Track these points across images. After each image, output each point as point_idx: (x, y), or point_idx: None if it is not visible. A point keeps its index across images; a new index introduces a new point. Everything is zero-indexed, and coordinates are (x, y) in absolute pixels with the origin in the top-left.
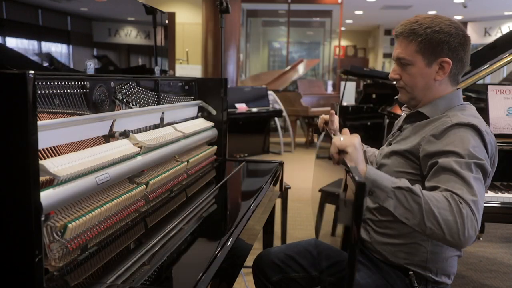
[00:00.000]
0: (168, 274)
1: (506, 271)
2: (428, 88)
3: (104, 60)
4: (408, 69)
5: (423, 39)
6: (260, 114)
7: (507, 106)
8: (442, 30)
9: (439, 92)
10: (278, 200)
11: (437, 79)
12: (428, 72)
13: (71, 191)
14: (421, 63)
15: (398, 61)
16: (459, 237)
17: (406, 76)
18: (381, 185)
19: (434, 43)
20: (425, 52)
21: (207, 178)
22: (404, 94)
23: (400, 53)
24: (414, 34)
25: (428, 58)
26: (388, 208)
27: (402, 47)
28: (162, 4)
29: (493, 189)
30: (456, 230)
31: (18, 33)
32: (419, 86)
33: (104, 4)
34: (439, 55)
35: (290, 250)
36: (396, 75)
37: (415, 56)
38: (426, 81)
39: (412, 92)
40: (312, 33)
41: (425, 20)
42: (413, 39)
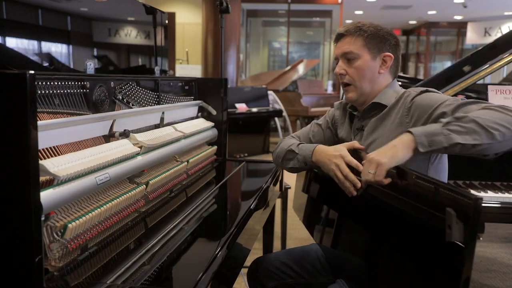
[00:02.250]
0: (168, 274)
1: (506, 271)
2: (374, 81)
3: (104, 60)
4: (355, 63)
5: (369, 35)
6: (260, 114)
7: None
8: (383, 30)
9: (382, 84)
10: (278, 200)
11: (381, 72)
12: (373, 65)
13: (71, 191)
14: (367, 56)
15: (344, 56)
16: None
17: (353, 70)
18: (433, 131)
19: (378, 39)
20: (371, 46)
21: (207, 178)
22: (352, 91)
23: (347, 48)
24: (360, 30)
25: (373, 52)
26: (456, 141)
27: (348, 43)
28: (162, 4)
29: (493, 189)
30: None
31: (18, 33)
32: (366, 78)
33: (104, 4)
34: (382, 50)
35: (285, 257)
36: (342, 70)
37: (362, 50)
38: (372, 74)
39: (360, 86)
40: (312, 33)
41: (365, 22)
42: (360, 34)
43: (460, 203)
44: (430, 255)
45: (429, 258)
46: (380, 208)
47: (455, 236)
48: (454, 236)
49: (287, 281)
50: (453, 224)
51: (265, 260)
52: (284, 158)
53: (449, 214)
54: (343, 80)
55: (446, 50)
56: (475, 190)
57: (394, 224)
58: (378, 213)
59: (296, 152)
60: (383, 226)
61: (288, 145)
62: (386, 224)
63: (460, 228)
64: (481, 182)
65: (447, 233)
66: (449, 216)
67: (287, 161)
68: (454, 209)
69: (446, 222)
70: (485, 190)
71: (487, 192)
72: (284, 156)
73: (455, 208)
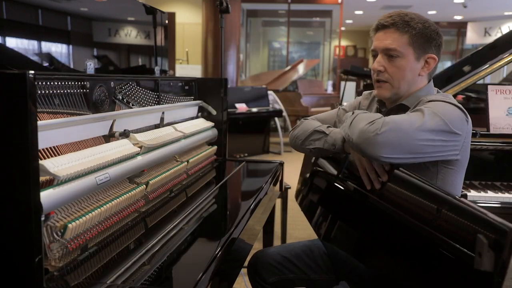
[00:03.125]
0: (168, 274)
1: None
2: (413, 82)
3: (104, 60)
4: (397, 62)
5: (417, 32)
6: (260, 114)
7: (507, 106)
8: (431, 28)
9: (418, 86)
10: (278, 200)
11: (421, 75)
12: (416, 67)
13: (71, 191)
14: (412, 56)
15: (386, 52)
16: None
17: (393, 69)
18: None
19: (426, 38)
20: (417, 45)
21: (207, 178)
22: (387, 89)
23: (391, 44)
24: (408, 26)
25: (418, 53)
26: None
27: (392, 38)
28: (162, 4)
29: (493, 189)
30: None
31: (18, 33)
32: (406, 80)
33: (104, 4)
34: (427, 51)
35: (287, 252)
36: (381, 67)
37: (407, 49)
38: (412, 76)
39: (398, 86)
40: (312, 33)
41: (412, 15)
42: (407, 31)
43: (494, 231)
44: (454, 280)
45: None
46: (390, 216)
47: (485, 265)
48: (484, 264)
49: (288, 276)
50: (484, 252)
51: (266, 254)
52: (308, 139)
53: (480, 241)
54: (379, 77)
55: (446, 50)
56: (475, 190)
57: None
58: (388, 221)
59: (326, 133)
60: (391, 236)
61: (314, 126)
62: (396, 234)
63: (491, 257)
64: (481, 182)
65: (476, 260)
66: (480, 244)
67: (311, 142)
68: (486, 237)
69: (476, 249)
70: (485, 190)
71: (487, 192)
72: (308, 137)
73: (487, 236)
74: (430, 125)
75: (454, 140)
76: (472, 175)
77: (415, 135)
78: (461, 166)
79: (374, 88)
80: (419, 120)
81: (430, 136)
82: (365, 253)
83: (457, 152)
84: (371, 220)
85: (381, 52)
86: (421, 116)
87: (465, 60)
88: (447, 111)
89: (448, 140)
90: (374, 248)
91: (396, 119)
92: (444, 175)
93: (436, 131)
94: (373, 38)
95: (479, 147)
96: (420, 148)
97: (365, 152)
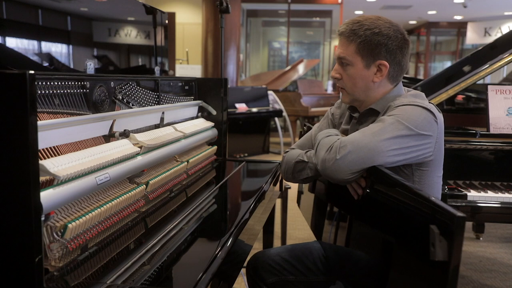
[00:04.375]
0: (168, 274)
1: (506, 271)
2: (368, 89)
3: (104, 60)
4: (348, 70)
5: (362, 41)
6: (260, 114)
7: (507, 106)
8: (381, 32)
9: (379, 92)
10: (278, 200)
11: (375, 81)
12: (366, 74)
13: (71, 191)
14: (360, 64)
15: (340, 60)
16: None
17: (346, 76)
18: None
19: (373, 45)
20: (364, 53)
21: (207, 178)
22: (346, 95)
23: (342, 53)
24: (354, 35)
25: (367, 60)
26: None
27: (343, 47)
28: (162, 4)
29: (493, 189)
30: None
31: (18, 33)
32: (358, 87)
33: (104, 4)
34: (377, 57)
35: (286, 253)
36: (337, 74)
37: (355, 57)
38: (365, 83)
39: (353, 94)
40: (312, 33)
41: (366, 21)
42: (353, 40)
43: (443, 219)
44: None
45: (421, 268)
46: (382, 208)
47: (439, 255)
48: (438, 254)
49: (287, 278)
50: (436, 242)
51: (265, 255)
52: (295, 171)
53: (432, 232)
54: (338, 84)
55: (446, 50)
56: (475, 190)
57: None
58: (381, 213)
59: (305, 160)
60: (384, 225)
61: (295, 156)
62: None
63: (444, 245)
64: (481, 182)
65: (431, 251)
66: (433, 234)
67: (298, 173)
68: (437, 226)
69: (430, 240)
70: (485, 190)
71: (487, 192)
72: (293, 169)
73: (438, 225)
74: (393, 133)
75: (425, 143)
76: (472, 175)
77: (379, 147)
78: (437, 165)
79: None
80: (380, 131)
81: (396, 145)
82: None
83: (430, 153)
84: (368, 218)
85: (337, 60)
86: (382, 126)
87: (465, 60)
88: (412, 115)
89: (418, 144)
90: (372, 243)
91: (353, 138)
92: (420, 177)
93: (401, 137)
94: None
95: (479, 147)
96: (389, 158)
97: (332, 178)
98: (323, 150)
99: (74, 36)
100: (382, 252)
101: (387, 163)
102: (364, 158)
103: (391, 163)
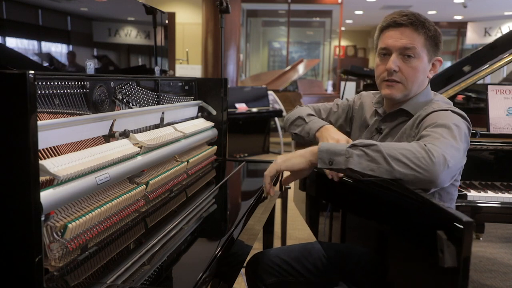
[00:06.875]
0: (168, 274)
1: (506, 271)
2: (422, 84)
3: (104, 60)
4: (412, 62)
5: (432, 34)
6: (260, 114)
7: (507, 106)
8: (438, 31)
9: (420, 89)
10: (278, 200)
11: (429, 77)
12: (427, 69)
13: (71, 191)
14: (425, 57)
15: (402, 51)
16: (428, 163)
17: (408, 69)
18: (336, 149)
19: (437, 40)
20: (430, 48)
21: (207, 178)
22: (399, 90)
23: (410, 43)
24: (424, 27)
25: (430, 55)
26: (352, 167)
27: (410, 37)
28: (162, 4)
29: (493, 189)
30: (422, 157)
31: (18, 33)
32: (417, 81)
33: (104, 4)
34: (437, 53)
35: (286, 254)
36: (397, 66)
37: (423, 50)
38: (423, 77)
39: (410, 88)
40: (312, 33)
41: (423, 17)
42: (422, 32)
43: (451, 225)
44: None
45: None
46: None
47: (448, 261)
48: (447, 261)
49: (287, 279)
50: (445, 248)
51: (265, 256)
52: (293, 123)
53: (440, 238)
54: (393, 77)
55: (446, 50)
56: (475, 190)
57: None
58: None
59: (306, 121)
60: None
61: (301, 113)
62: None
63: (452, 251)
64: (481, 182)
65: (440, 257)
66: (440, 240)
67: (294, 127)
68: (445, 232)
69: (438, 246)
70: (485, 190)
71: (487, 192)
72: (293, 121)
73: (446, 231)
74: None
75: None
76: (472, 175)
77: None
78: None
79: (381, 88)
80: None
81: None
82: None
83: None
84: (366, 216)
85: (397, 51)
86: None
87: (465, 60)
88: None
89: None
90: (370, 240)
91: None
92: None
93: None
94: (382, 36)
95: (479, 147)
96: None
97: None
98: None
99: (74, 36)
100: (384, 253)
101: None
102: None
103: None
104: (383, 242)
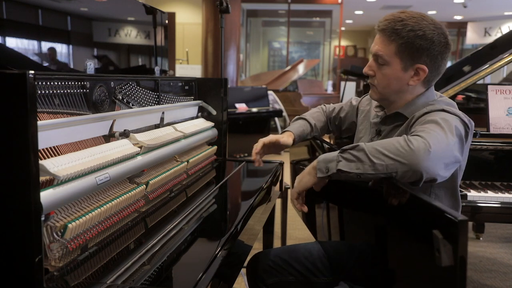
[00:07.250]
0: (168, 274)
1: (506, 271)
2: (401, 91)
3: (104, 60)
4: (383, 69)
5: (404, 42)
6: (260, 114)
7: (507, 106)
8: (425, 36)
9: (412, 94)
10: (278, 200)
11: (410, 84)
12: (402, 76)
13: (71, 191)
14: (398, 66)
15: (376, 57)
16: (406, 150)
17: (380, 75)
18: (330, 157)
19: (414, 49)
20: (404, 55)
21: (207, 178)
22: (375, 93)
23: (379, 51)
24: (396, 35)
25: (405, 63)
26: (343, 169)
27: (382, 44)
28: (162, 4)
29: (493, 189)
30: (400, 146)
31: (18, 33)
32: (391, 89)
33: (104, 4)
34: (416, 61)
35: (286, 255)
36: (371, 71)
37: (393, 58)
38: (400, 85)
39: (384, 93)
40: (312, 33)
41: (410, 20)
42: (394, 40)
43: (445, 223)
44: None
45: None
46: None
47: (445, 260)
48: (444, 260)
49: (287, 279)
50: (441, 247)
51: (266, 256)
52: (292, 121)
53: (435, 237)
54: (370, 80)
55: None
56: (475, 190)
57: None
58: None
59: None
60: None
61: (306, 113)
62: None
63: (449, 250)
64: (481, 182)
65: (436, 257)
66: (436, 239)
67: (292, 122)
68: (441, 231)
69: (434, 245)
70: (485, 190)
71: (487, 192)
72: (294, 120)
73: (441, 230)
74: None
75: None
76: (472, 175)
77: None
78: (461, 171)
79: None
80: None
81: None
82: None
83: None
84: (364, 214)
85: (373, 56)
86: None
87: (465, 60)
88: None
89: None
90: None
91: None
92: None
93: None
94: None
95: (479, 147)
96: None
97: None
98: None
99: (74, 36)
100: (384, 251)
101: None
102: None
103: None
104: (381, 240)
